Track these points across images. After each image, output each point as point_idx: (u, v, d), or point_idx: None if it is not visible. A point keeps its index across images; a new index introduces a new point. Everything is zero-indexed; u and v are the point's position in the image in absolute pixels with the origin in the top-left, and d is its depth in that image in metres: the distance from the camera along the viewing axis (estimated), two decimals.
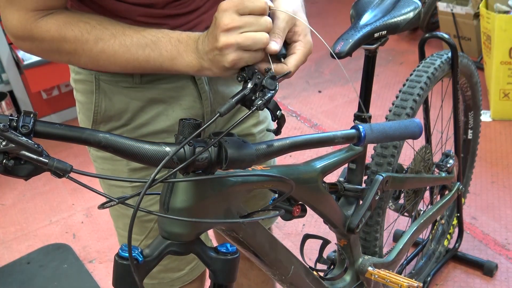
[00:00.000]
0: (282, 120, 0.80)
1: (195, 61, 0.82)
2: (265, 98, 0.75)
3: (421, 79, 1.48)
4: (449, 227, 1.97)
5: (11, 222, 2.55)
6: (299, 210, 0.98)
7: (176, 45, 0.82)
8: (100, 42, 0.82)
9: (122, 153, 0.71)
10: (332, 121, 2.98)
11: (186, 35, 0.83)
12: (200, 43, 0.81)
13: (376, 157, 1.39)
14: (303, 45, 0.85)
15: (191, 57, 0.82)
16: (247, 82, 0.78)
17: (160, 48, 0.82)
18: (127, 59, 0.83)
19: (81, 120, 1.04)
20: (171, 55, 0.82)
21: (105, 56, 0.83)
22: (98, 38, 0.81)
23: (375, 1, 1.22)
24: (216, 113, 0.73)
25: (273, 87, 0.77)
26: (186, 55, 0.82)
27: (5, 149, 0.62)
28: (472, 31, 3.27)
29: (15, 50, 3.05)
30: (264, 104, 0.75)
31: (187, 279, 1.14)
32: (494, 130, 2.71)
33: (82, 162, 2.71)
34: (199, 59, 0.81)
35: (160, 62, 0.83)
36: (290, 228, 2.26)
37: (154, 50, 0.82)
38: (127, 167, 1.02)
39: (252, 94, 0.76)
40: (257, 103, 0.75)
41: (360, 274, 1.30)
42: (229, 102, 0.74)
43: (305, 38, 0.85)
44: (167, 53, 0.82)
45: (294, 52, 0.84)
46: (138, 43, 0.82)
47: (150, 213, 0.76)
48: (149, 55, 0.83)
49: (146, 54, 0.83)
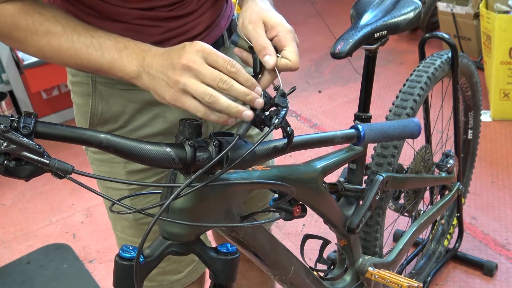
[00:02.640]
0: (292, 136, 0.80)
1: (136, 69, 0.80)
2: (280, 116, 0.75)
3: (421, 79, 1.48)
4: (449, 227, 1.97)
5: (11, 222, 2.55)
6: (299, 210, 0.98)
7: (121, 50, 0.81)
8: (49, 35, 0.81)
9: (123, 154, 0.71)
10: (332, 121, 2.98)
11: (134, 43, 0.81)
12: (150, 57, 0.79)
13: (376, 157, 1.39)
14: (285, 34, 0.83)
15: (132, 64, 0.80)
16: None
17: (103, 50, 0.81)
18: (70, 55, 0.82)
19: (79, 122, 1.04)
20: (112, 58, 0.81)
21: (51, 49, 0.82)
22: (48, 30, 0.81)
23: (375, 1, 1.22)
24: (235, 136, 0.73)
25: (285, 104, 0.77)
26: (128, 60, 0.80)
27: (6, 150, 0.62)
28: (472, 31, 3.27)
29: (15, 50, 3.05)
30: (280, 122, 0.75)
31: (186, 281, 1.14)
32: (494, 130, 2.71)
33: (82, 162, 2.71)
34: (141, 69, 0.79)
35: (100, 64, 0.82)
36: (290, 228, 2.26)
37: (97, 51, 0.81)
38: (124, 170, 1.02)
39: (262, 113, 0.76)
40: (274, 122, 0.75)
41: (360, 274, 1.30)
42: (245, 123, 0.75)
43: (283, 26, 0.83)
44: (109, 56, 0.81)
45: (284, 45, 0.82)
46: (84, 42, 0.81)
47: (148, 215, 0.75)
48: (91, 55, 0.81)
49: (88, 53, 0.81)
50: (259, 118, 0.76)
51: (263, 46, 0.81)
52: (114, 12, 0.88)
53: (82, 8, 0.89)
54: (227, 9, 1.04)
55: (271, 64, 0.79)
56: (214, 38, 1.00)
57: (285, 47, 0.82)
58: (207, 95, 0.73)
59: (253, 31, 0.82)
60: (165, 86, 0.76)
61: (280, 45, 0.82)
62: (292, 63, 0.81)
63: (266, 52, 0.80)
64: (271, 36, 0.82)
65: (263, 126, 0.77)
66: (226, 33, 1.04)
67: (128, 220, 1.07)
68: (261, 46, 0.81)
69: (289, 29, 0.83)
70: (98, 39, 0.81)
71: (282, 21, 0.84)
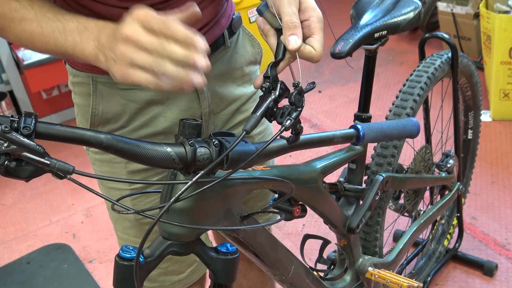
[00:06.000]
0: (300, 134, 0.77)
1: (93, 50, 0.77)
2: (293, 116, 0.72)
3: (421, 79, 1.48)
4: (449, 227, 1.97)
5: (11, 222, 2.55)
6: (299, 210, 0.98)
7: (82, 31, 0.78)
8: (23, 22, 0.80)
9: (123, 154, 0.71)
10: (332, 121, 2.98)
11: (94, 23, 0.78)
12: (104, 35, 0.75)
13: (376, 157, 1.39)
14: (316, 21, 0.78)
15: (90, 45, 0.77)
16: (270, 92, 0.74)
17: (67, 34, 0.79)
18: (41, 40, 0.80)
19: (80, 122, 1.04)
20: (74, 41, 0.78)
21: (25, 35, 0.81)
22: (23, 17, 0.80)
23: (375, 1, 1.22)
24: (242, 131, 0.70)
25: (301, 103, 0.73)
26: (87, 42, 0.77)
27: (7, 151, 0.62)
28: (472, 31, 3.27)
29: (15, 50, 3.05)
30: (293, 124, 0.72)
31: (188, 281, 1.14)
32: (494, 130, 2.71)
33: (82, 162, 2.71)
34: (97, 50, 0.76)
35: (65, 47, 0.79)
36: (290, 228, 2.26)
37: (61, 34, 0.79)
38: (125, 170, 1.02)
39: (274, 105, 0.73)
40: (285, 123, 0.72)
41: (360, 274, 1.30)
42: (253, 117, 0.71)
43: (316, 12, 0.79)
44: (71, 39, 0.78)
45: (313, 33, 0.78)
46: (51, 26, 0.79)
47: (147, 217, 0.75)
48: (57, 39, 0.79)
49: (55, 37, 0.79)
50: (270, 110, 0.73)
51: (294, 24, 0.75)
52: (110, 12, 0.88)
53: (79, 8, 0.89)
54: (227, 8, 1.04)
55: (295, 46, 0.75)
56: (214, 36, 1.00)
57: (314, 34, 0.78)
58: (153, 64, 0.67)
59: (287, 6, 0.76)
60: (113, 63, 0.71)
61: (308, 32, 0.78)
62: (316, 52, 0.77)
63: (294, 32, 0.75)
64: (301, 19, 0.78)
65: (272, 119, 0.73)
66: (227, 32, 1.04)
67: (129, 221, 1.07)
68: (292, 23, 0.75)
69: (321, 17, 0.79)
70: (63, 22, 0.79)
71: (315, 6, 0.79)
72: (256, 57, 1.13)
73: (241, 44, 1.09)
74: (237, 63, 1.07)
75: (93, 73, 0.96)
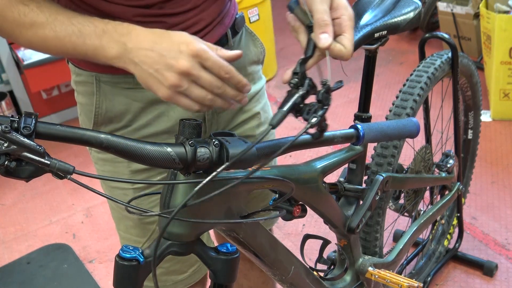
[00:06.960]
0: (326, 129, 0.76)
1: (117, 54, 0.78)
2: (319, 114, 0.72)
3: (421, 79, 1.48)
4: (449, 227, 1.97)
5: (11, 222, 2.55)
6: (299, 210, 0.98)
7: (100, 35, 0.79)
8: (34, 26, 0.80)
9: (123, 154, 0.71)
10: (332, 121, 2.99)
11: (112, 26, 0.79)
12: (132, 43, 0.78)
13: (376, 157, 1.39)
14: (348, 19, 0.78)
15: (113, 49, 0.78)
16: (297, 88, 0.74)
17: (84, 37, 0.79)
18: (56, 45, 0.81)
19: (82, 121, 1.04)
20: (93, 45, 0.79)
21: (38, 40, 0.81)
22: (33, 21, 0.80)
23: (375, 1, 1.22)
24: (269, 125, 0.70)
25: (328, 102, 0.73)
26: (108, 46, 0.79)
27: (7, 151, 0.62)
28: (472, 31, 3.27)
29: (15, 50, 3.05)
30: (319, 122, 0.72)
31: (190, 281, 1.14)
32: (494, 130, 2.71)
33: (82, 162, 2.71)
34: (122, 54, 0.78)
35: (84, 51, 0.80)
36: (290, 228, 2.26)
37: (79, 38, 0.80)
38: (128, 169, 1.02)
39: (301, 102, 0.72)
40: (311, 120, 0.72)
41: (360, 274, 1.30)
42: (280, 112, 0.71)
43: (347, 10, 0.79)
44: (91, 43, 0.79)
45: (344, 31, 0.77)
46: (66, 30, 0.80)
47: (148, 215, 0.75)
48: (74, 43, 0.80)
49: (72, 42, 0.80)
50: (297, 106, 0.72)
51: (325, 22, 0.75)
52: (114, 10, 0.88)
53: (84, 6, 0.89)
54: (230, 8, 1.04)
55: (326, 44, 0.75)
56: (218, 36, 1.00)
57: (344, 33, 0.78)
58: (206, 100, 0.77)
59: (319, 4, 0.77)
60: (158, 83, 0.77)
61: (339, 30, 0.78)
62: (347, 51, 0.77)
63: (326, 30, 0.75)
64: (332, 17, 0.78)
65: (298, 115, 0.73)
66: (230, 31, 1.03)
67: (132, 220, 1.07)
68: (323, 21, 0.75)
69: (352, 15, 0.79)
70: (78, 26, 0.79)
71: (347, 5, 0.80)
72: (258, 56, 1.13)
73: (244, 44, 1.09)
74: (240, 62, 1.07)
75: (97, 72, 0.96)
